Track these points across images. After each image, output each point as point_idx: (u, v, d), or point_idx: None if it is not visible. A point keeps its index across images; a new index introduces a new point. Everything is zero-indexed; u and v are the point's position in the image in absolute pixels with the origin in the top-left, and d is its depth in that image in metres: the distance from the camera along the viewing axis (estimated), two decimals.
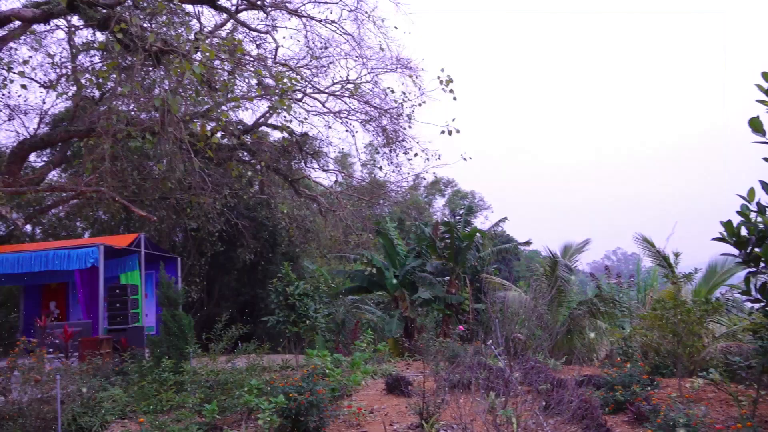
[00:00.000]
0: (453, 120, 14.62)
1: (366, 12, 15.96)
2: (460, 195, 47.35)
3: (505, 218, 22.12)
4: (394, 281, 17.47)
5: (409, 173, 19.37)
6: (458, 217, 23.63)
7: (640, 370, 9.03)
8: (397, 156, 18.29)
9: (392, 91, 16.73)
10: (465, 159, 16.85)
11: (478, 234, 18.12)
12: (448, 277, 17.87)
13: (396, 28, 19.26)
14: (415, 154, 17.14)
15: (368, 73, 17.12)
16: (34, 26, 14.52)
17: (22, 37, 15.92)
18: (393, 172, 19.19)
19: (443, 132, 14.58)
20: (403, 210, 29.84)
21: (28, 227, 23.06)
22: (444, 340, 13.44)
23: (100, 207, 20.69)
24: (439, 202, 47.52)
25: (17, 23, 12.54)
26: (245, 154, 19.10)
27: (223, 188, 18.27)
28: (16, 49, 17.19)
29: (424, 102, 16.49)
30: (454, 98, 13.55)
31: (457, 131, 14.64)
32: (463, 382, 8.68)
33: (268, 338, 18.28)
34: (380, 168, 19.37)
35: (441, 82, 13.31)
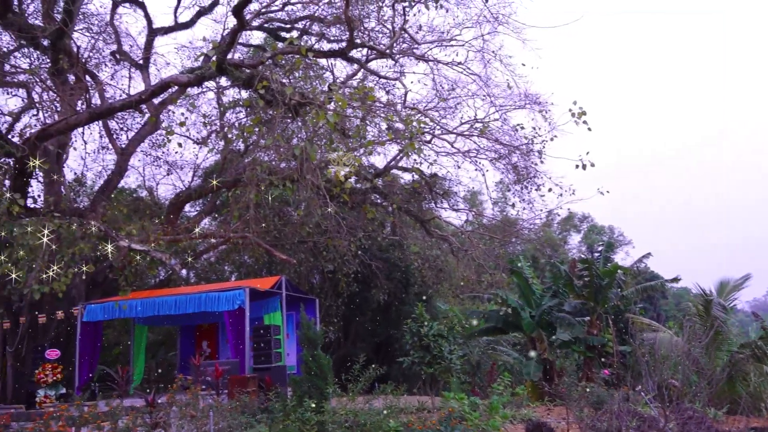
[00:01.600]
0: (587, 153, 14.10)
1: (492, 51, 16.02)
2: (596, 230, 45.32)
3: (649, 254, 20.76)
4: (531, 321, 16.90)
5: (542, 210, 18.86)
6: (597, 254, 22.55)
7: None
8: (529, 193, 17.92)
9: (522, 128, 16.51)
10: (602, 193, 16.11)
11: (619, 271, 17.12)
12: (588, 317, 16.99)
13: (523, 64, 19.11)
14: (549, 190, 16.66)
15: (496, 111, 17.07)
16: (189, 90, 16.09)
17: (179, 100, 17.68)
18: (525, 209, 18.78)
19: (577, 166, 14.09)
20: (536, 247, 29.01)
21: (184, 272, 25.11)
22: (587, 384, 12.72)
23: (245, 252, 22.09)
24: (575, 239, 45.76)
25: (175, 88, 13.93)
26: (378, 196, 19.62)
27: (357, 231, 18.82)
28: (173, 111, 19.08)
29: (555, 137, 16.09)
30: (589, 129, 13.08)
31: (592, 165, 14.08)
32: (610, 431, 8.12)
33: (403, 379, 18.30)
34: (512, 205, 19.01)
35: (573, 115, 12.93)
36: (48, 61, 16.23)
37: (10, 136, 14.14)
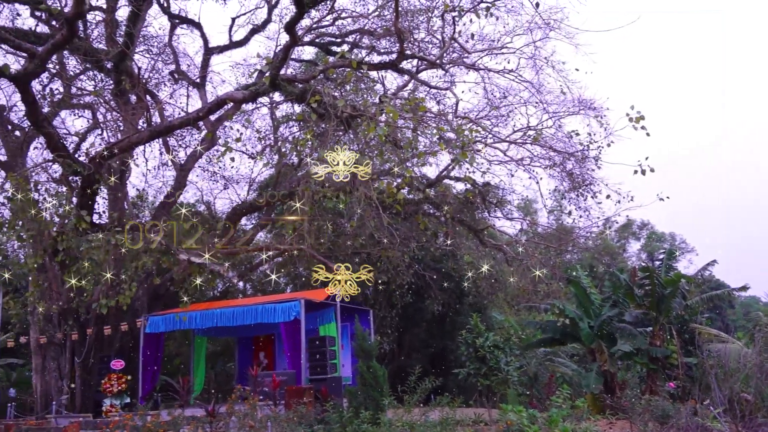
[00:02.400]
0: (646, 159, 13.65)
1: (544, 58, 15.78)
2: (656, 237, 43.91)
3: (714, 261, 19.95)
4: (590, 332, 16.45)
5: (599, 217, 18.36)
6: (658, 262, 21.82)
7: None
8: (585, 200, 17.49)
9: (577, 134, 16.16)
10: (662, 199, 15.57)
11: (682, 280, 16.49)
12: (650, 328, 16.41)
13: (577, 70, 18.68)
14: (607, 196, 16.19)
15: (549, 117, 16.76)
16: (244, 105, 16.48)
17: (234, 116, 18.14)
18: (581, 217, 18.33)
19: (635, 172, 13.67)
20: (594, 256, 28.29)
21: (241, 284, 25.59)
22: (651, 397, 12.27)
23: (300, 264, 22.34)
24: (634, 246, 44.42)
25: (230, 105, 14.30)
26: (430, 207, 19.55)
27: (410, 241, 18.77)
28: (231, 127, 19.60)
29: (612, 143, 15.70)
30: (647, 134, 12.68)
31: (651, 170, 13.64)
32: None
33: (459, 391, 18.09)
34: (568, 214, 18.57)
35: (630, 119, 12.57)
36: (111, 82, 16.97)
37: (76, 156, 14.78)
